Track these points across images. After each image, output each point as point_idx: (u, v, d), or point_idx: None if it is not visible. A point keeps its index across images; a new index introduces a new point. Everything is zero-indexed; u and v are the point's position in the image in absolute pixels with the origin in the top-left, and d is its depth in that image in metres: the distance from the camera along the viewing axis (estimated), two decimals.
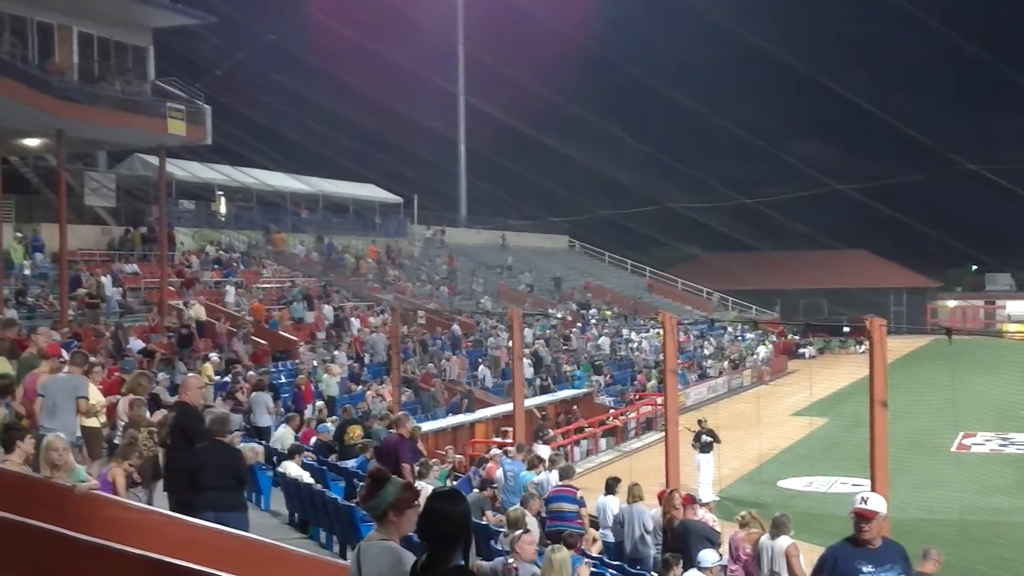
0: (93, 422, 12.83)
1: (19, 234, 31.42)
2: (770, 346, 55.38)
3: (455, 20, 62.55)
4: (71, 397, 11.65)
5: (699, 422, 25.10)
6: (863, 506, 7.61)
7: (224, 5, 35.21)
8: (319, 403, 25.58)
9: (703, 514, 14.17)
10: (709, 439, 24.61)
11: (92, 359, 15.72)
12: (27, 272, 30.17)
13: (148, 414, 11.98)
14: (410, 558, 5.01)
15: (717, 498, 23.26)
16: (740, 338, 55.60)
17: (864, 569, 7.53)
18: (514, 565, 9.47)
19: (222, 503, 9.84)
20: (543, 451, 23.56)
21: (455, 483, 18.06)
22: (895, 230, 54.85)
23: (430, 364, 33.79)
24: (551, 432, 27.87)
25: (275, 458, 17.52)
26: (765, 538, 12.31)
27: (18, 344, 15.79)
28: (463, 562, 4.68)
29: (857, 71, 56.83)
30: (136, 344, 26.31)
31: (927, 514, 20.84)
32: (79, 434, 11.62)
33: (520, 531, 10.07)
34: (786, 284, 70.88)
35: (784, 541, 11.94)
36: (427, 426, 26.39)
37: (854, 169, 54.36)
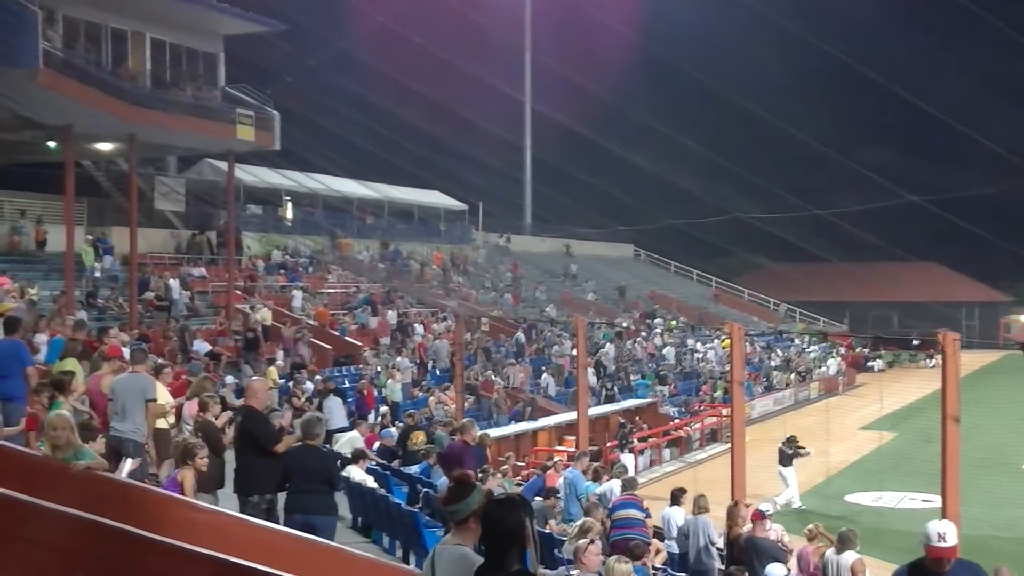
0: (162, 423, 12.95)
1: (90, 237, 31.92)
2: (839, 359, 54.58)
3: (522, 26, 62.61)
4: (140, 398, 11.73)
5: (789, 439, 25.00)
6: (941, 544, 7.29)
7: (295, 13, 35.61)
8: (383, 408, 25.65)
9: (772, 526, 13.94)
10: (791, 451, 24.52)
11: (159, 360, 15.93)
12: (97, 274, 30.63)
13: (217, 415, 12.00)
14: (479, 563, 4.95)
15: (802, 505, 23.15)
16: (806, 350, 54.87)
17: None
18: (575, 575, 9.35)
19: (312, 506, 9.87)
20: (627, 460, 23.46)
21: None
22: (968, 242, 53.82)
23: (489, 372, 33.75)
24: (635, 442, 27.66)
25: (339, 462, 17.54)
26: (831, 552, 12.14)
27: (89, 345, 16.02)
28: (525, 567, 4.62)
29: (934, 80, 55.87)
30: (202, 347, 26.59)
31: (999, 532, 20.31)
32: (147, 435, 11.70)
33: (587, 541, 9.93)
34: (855, 296, 69.87)
35: (850, 556, 11.74)
36: (490, 433, 26.26)
37: (927, 180, 53.41)
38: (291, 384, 25.06)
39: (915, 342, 54.36)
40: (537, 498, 16.60)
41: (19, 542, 5.68)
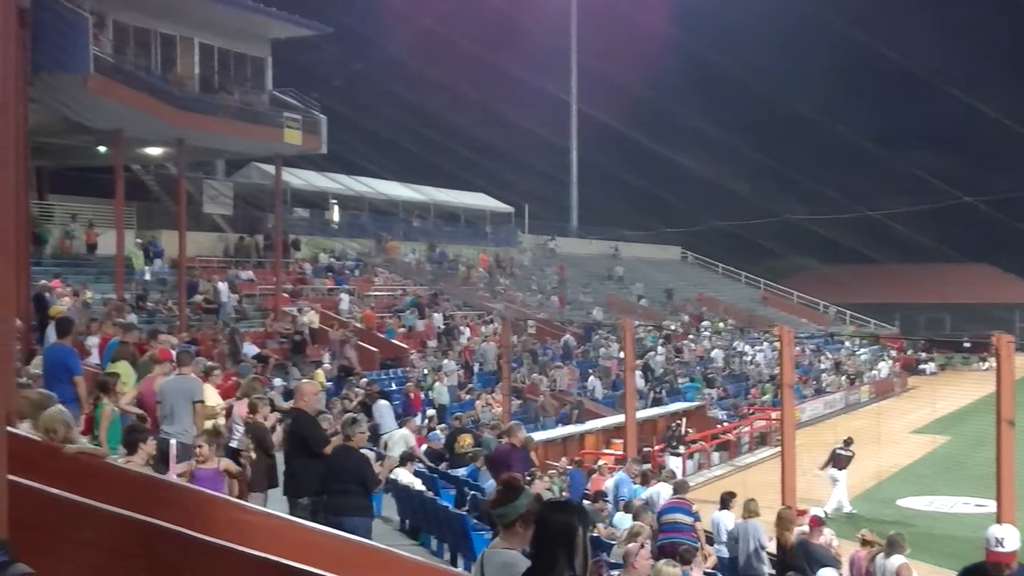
0: (211, 425, 13.00)
1: (140, 240, 32.24)
2: (889, 361, 53.93)
3: (568, 28, 62.49)
4: (187, 400, 11.78)
5: (845, 442, 24.71)
6: (998, 549, 7.14)
7: (341, 16, 35.79)
8: (430, 411, 25.67)
9: (827, 534, 13.78)
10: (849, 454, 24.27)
11: (208, 363, 16.00)
12: (147, 278, 30.91)
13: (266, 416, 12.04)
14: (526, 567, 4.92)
15: (853, 509, 22.85)
16: (856, 353, 54.29)
17: None
18: None
19: (343, 507, 9.86)
20: (673, 463, 23.30)
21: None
22: (1022, 243, 53.01)
23: (535, 375, 33.66)
24: (682, 449, 27.44)
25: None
26: (880, 557, 11.97)
27: (139, 348, 16.13)
28: (572, 571, 4.58)
29: (988, 81, 55.10)
30: (251, 349, 26.74)
31: None
32: (196, 436, 11.73)
33: (637, 545, 9.84)
34: (906, 298, 68.97)
35: (897, 560, 11.57)
36: (535, 436, 26.20)
37: (981, 181, 52.66)
38: (344, 388, 25.14)
39: (967, 344, 53.57)
40: (585, 500, 16.51)
41: (74, 543, 5.70)
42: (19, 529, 4.84)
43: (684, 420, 30.99)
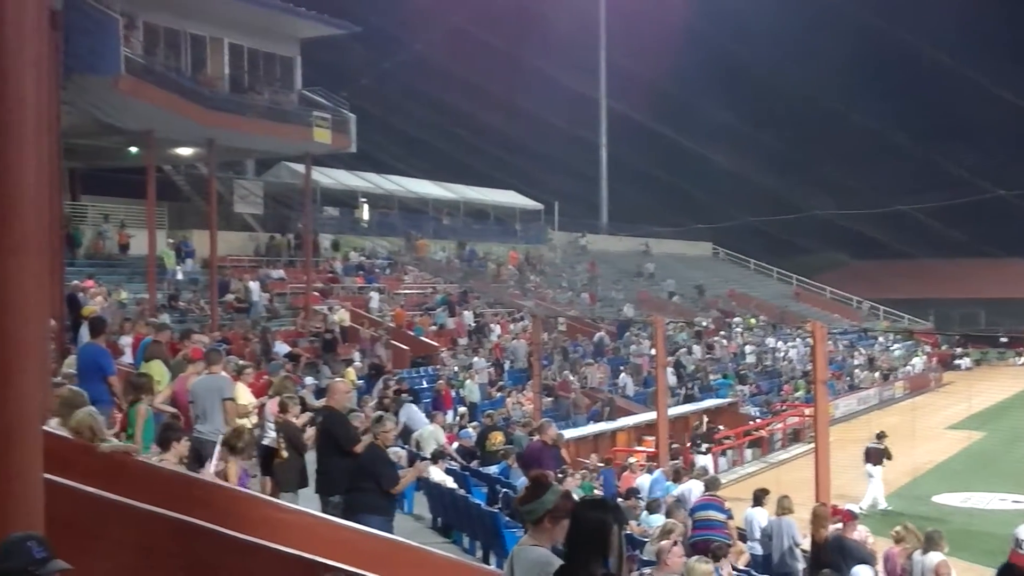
0: (244, 422, 13.04)
1: (171, 240, 32.42)
2: (924, 357, 53.48)
3: (597, 24, 62.34)
4: (217, 398, 11.80)
5: (878, 436, 24.43)
6: (1020, 551, 7.04)
7: (370, 15, 35.83)
8: (460, 409, 25.66)
9: (861, 530, 13.67)
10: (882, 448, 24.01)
11: (240, 361, 16.05)
12: (179, 277, 31.08)
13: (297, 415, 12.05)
14: (557, 563, 4.92)
15: (888, 506, 22.64)
16: (890, 348, 53.86)
17: None
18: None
19: (358, 505, 9.84)
20: (703, 461, 23.18)
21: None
22: None
23: (566, 372, 33.59)
24: (704, 447, 27.27)
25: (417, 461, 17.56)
26: (917, 554, 11.84)
27: (172, 348, 16.21)
28: (605, 570, 4.56)
29: (1019, 74, 54.47)
30: (282, 348, 26.80)
31: None
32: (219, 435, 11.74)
33: (670, 542, 9.79)
34: (940, 293, 68.28)
35: (935, 557, 11.44)
36: (567, 433, 26.17)
37: (1016, 175, 52.10)
38: (379, 385, 25.19)
39: (1004, 340, 53.04)
40: (619, 499, 16.47)
41: (109, 542, 5.73)
42: (55, 527, 4.86)
43: (705, 419, 30.75)
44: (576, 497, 5.75)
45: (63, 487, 5.89)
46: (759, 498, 15.70)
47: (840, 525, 13.25)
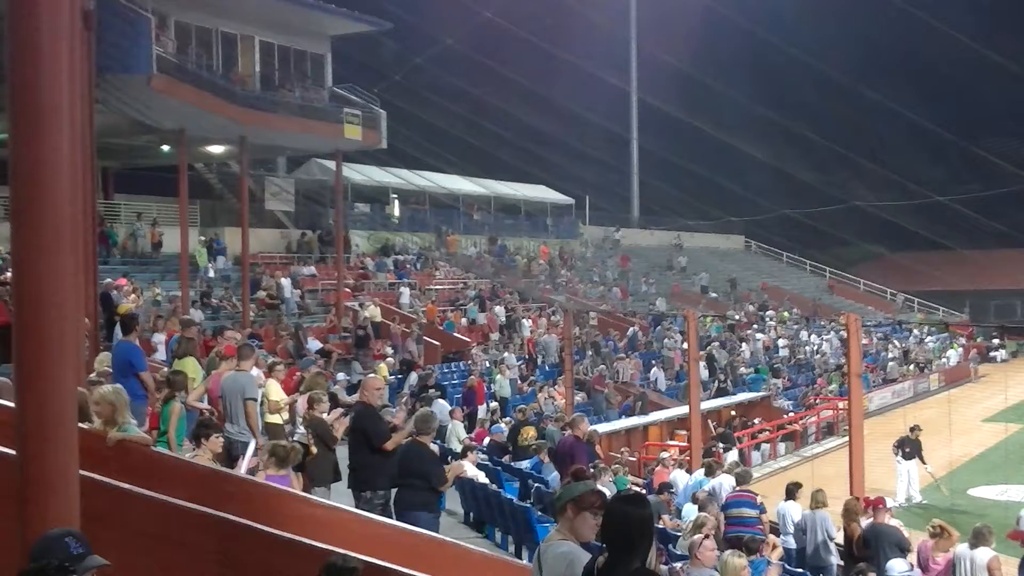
0: (276, 419, 13.11)
1: (203, 238, 32.63)
2: (959, 349, 53.01)
3: (628, 16, 62.15)
4: (239, 398, 11.85)
5: (912, 429, 24.24)
6: (1019, 528, 7.08)
7: (400, 10, 35.86)
8: (492, 404, 25.69)
9: (895, 521, 13.56)
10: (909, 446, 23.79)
11: (272, 358, 16.15)
12: (211, 275, 31.28)
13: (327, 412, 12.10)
14: (584, 559, 4.94)
15: (923, 499, 22.46)
16: (924, 341, 53.40)
17: None
18: (685, 570, 9.20)
19: (407, 502, 9.92)
20: (731, 456, 23.14)
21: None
22: None
23: (602, 366, 33.56)
24: (724, 447, 27.11)
25: (449, 457, 17.60)
26: (963, 548, 11.68)
27: (205, 345, 16.33)
28: (642, 565, 4.56)
29: None
30: (314, 344, 26.95)
31: None
32: (254, 433, 11.77)
33: (702, 536, 9.76)
34: (975, 284, 67.65)
35: (986, 553, 11.26)
36: (600, 428, 26.13)
37: None
38: (412, 382, 25.37)
39: None
40: (652, 494, 16.45)
41: (146, 537, 5.78)
42: (91, 523, 4.91)
43: (726, 417, 30.54)
44: (610, 492, 5.74)
45: (99, 483, 5.95)
46: (792, 492, 15.65)
47: (873, 515, 13.17)
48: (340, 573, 5.24)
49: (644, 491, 16.49)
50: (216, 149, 33.63)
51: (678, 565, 9.39)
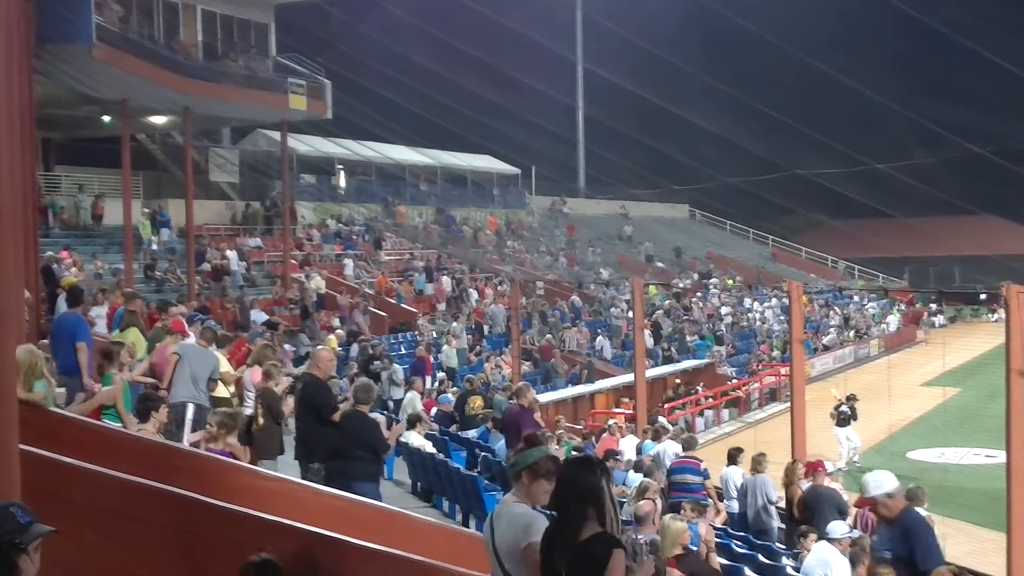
0: (223, 392, 13.09)
1: (147, 210, 32.26)
2: (899, 315, 53.90)
3: None
4: (206, 372, 11.86)
5: (848, 397, 24.68)
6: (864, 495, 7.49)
7: None
8: (440, 374, 25.78)
9: (830, 484, 13.88)
10: (847, 412, 24.22)
11: (221, 331, 16.08)
12: (155, 247, 30.97)
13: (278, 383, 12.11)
14: (541, 524, 4.96)
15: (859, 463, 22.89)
16: (865, 307, 54.23)
17: (873, 537, 7.84)
18: (637, 535, 9.36)
19: (352, 472, 9.91)
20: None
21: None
22: None
23: (549, 335, 33.77)
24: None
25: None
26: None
27: (150, 318, 16.24)
28: (604, 529, 4.60)
29: (995, 28, 54.54)
30: (260, 316, 26.82)
31: None
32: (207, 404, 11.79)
33: (650, 503, 9.92)
34: (915, 251, 68.70)
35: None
36: (547, 397, 26.37)
37: (990, 130, 52.25)
38: (357, 353, 25.40)
39: (982, 296, 53.35)
40: None
41: (93, 511, 5.80)
42: (41, 499, 4.93)
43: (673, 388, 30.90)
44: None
45: (41, 457, 5.95)
46: (734, 457, 15.90)
47: (812, 479, 13.44)
48: (263, 569, 5.28)
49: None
50: (159, 120, 33.21)
51: (626, 529, 9.53)
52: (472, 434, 18.60)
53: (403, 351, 28.76)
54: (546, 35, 56.56)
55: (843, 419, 24.18)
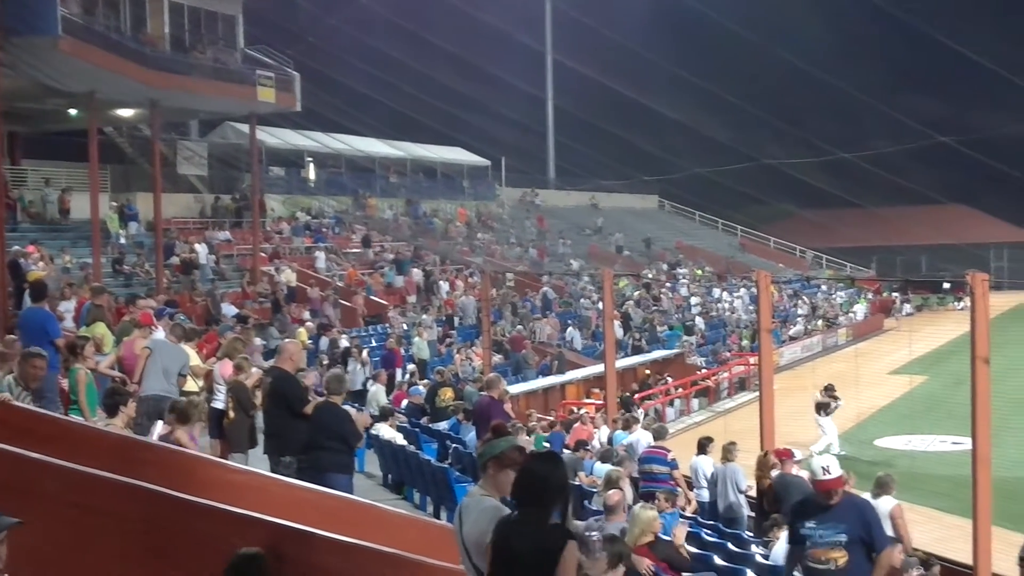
0: (192, 386, 13.06)
1: (115, 203, 32.03)
2: (866, 304, 54.31)
3: None
4: (177, 367, 11.84)
5: (826, 388, 24.88)
6: (826, 477, 7.72)
7: None
8: (411, 366, 25.78)
9: (800, 472, 13.97)
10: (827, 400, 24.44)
11: (190, 325, 16.05)
12: (123, 241, 30.75)
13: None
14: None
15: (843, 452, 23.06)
16: (832, 296, 54.62)
17: (807, 524, 7.70)
18: (600, 525, 9.42)
19: (324, 463, 9.90)
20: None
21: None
22: (997, 183, 53.24)
23: (520, 326, 33.82)
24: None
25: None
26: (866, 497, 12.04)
27: (117, 312, 16.17)
28: (562, 522, 4.68)
29: (966, 19, 54.99)
30: (230, 310, 26.72)
31: None
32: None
33: (619, 493, 9.99)
34: (882, 241, 69.31)
35: (888, 502, 11.57)
36: (518, 388, 26.43)
37: (956, 121, 52.75)
38: (327, 346, 25.37)
39: (946, 285, 53.85)
40: (566, 451, 16.73)
41: (67, 507, 5.80)
42: (9, 494, 4.94)
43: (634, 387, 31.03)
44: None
45: (11, 454, 5.96)
46: (704, 446, 15.95)
47: (780, 467, 13.52)
48: (247, 561, 5.29)
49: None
50: (127, 112, 32.94)
51: (595, 520, 9.58)
52: (443, 426, 18.62)
53: (374, 343, 28.74)
54: (515, 27, 56.64)
55: (825, 408, 24.40)
